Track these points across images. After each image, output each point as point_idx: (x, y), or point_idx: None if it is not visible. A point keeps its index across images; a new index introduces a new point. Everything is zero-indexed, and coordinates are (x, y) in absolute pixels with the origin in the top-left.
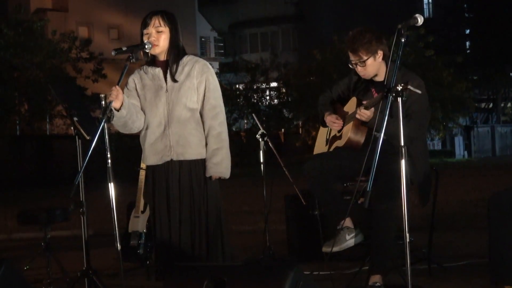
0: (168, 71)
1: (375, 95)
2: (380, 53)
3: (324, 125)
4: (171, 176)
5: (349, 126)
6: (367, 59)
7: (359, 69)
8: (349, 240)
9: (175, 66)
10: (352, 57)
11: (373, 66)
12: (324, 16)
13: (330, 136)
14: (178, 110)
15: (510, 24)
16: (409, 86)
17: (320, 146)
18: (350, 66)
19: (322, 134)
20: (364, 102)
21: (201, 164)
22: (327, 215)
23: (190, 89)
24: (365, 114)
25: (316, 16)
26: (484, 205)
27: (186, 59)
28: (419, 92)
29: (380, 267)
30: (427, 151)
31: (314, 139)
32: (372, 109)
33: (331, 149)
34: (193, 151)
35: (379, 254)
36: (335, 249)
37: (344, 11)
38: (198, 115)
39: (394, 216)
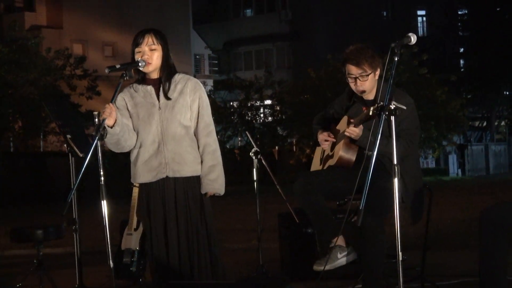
0: (161, 88)
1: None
2: (378, 71)
3: (318, 144)
4: (167, 193)
5: (340, 144)
6: (370, 73)
7: (358, 83)
8: (341, 258)
9: (168, 83)
10: (354, 71)
11: (371, 82)
12: (319, 34)
13: (324, 155)
14: (173, 127)
15: (504, 43)
16: (393, 102)
17: (315, 166)
18: (348, 81)
19: (317, 154)
20: (352, 120)
21: (196, 180)
22: (316, 233)
23: (183, 107)
24: (353, 131)
25: (310, 34)
26: (477, 224)
27: (178, 77)
28: (404, 107)
29: (373, 285)
30: (419, 169)
31: (308, 156)
32: (361, 126)
33: (324, 168)
34: (188, 168)
35: (371, 272)
36: (327, 267)
37: (338, 29)
38: (192, 132)
39: (383, 233)
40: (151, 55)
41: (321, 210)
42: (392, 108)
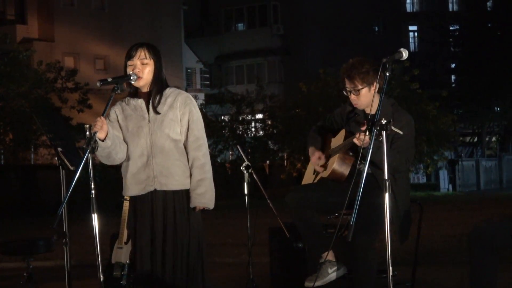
0: (151, 102)
1: (360, 131)
2: (375, 85)
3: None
4: (155, 206)
5: (335, 157)
6: (362, 88)
7: (352, 97)
8: (331, 273)
9: (158, 97)
10: (347, 84)
11: (367, 97)
12: (311, 49)
13: None
14: (161, 140)
15: (495, 59)
16: (392, 127)
17: (308, 177)
18: (344, 93)
19: (311, 165)
20: (333, 147)
21: (185, 194)
22: (307, 248)
23: (173, 121)
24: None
25: (302, 49)
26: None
27: (168, 91)
28: (401, 133)
29: None
30: (409, 188)
31: (299, 171)
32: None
33: (316, 180)
34: (176, 182)
35: (361, 287)
36: (318, 283)
37: (330, 44)
38: (182, 146)
39: (374, 249)
40: (142, 69)
41: (313, 225)
42: (383, 123)
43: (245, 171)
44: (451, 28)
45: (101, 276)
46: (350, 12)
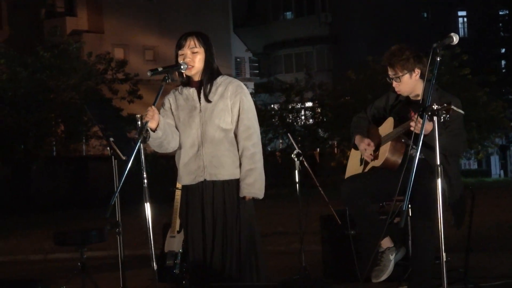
0: (202, 91)
1: (412, 114)
2: (417, 72)
3: (357, 148)
4: (205, 196)
5: (387, 146)
6: (403, 75)
7: (394, 84)
8: (393, 260)
9: (209, 86)
10: (389, 71)
11: (408, 84)
12: (358, 36)
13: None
14: (211, 130)
15: None
16: (452, 106)
17: (354, 167)
18: (388, 80)
19: (355, 155)
20: (382, 136)
21: (234, 184)
22: (363, 237)
23: (223, 110)
24: (427, 126)
25: (350, 36)
26: None
27: (220, 79)
28: (462, 112)
29: (420, 286)
30: (460, 172)
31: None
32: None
33: (367, 170)
34: (226, 172)
35: (419, 273)
36: (385, 276)
37: (378, 31)
38: (232, 135)
39: (433, 234)
40: (192, 58)
41: (368, 214)
42: (435, 109)
43: (296, 159)
44: (500, 13)
45: (154, 265)
46: None
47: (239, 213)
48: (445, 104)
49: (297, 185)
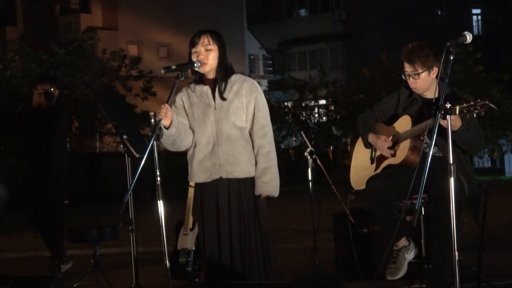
0: (217, 88)
1: (426, 112)
2: (435, 70)
3: (367, 146)
4: (221, 194)
5: (406, 144)
6: (422, 72)
7: (411, 81)
8: (408, 259)
9: (223, 84)
10: (407, 68)
11: (426, 81)
12: (373, 34)
13: (376, 155)
14: (227, 128)
15: None
16: (487, 102)
17: (362, 166)
18: (403, 77)
19: (361, 154)
20: (401, 133)
21: (250, 182)
22: (385, 236)
23: (239, 108)
24: (454, 122)
25: (364, 34)
26: None
27: (234, 77)
28: (495, 108)
29: (440, 284)
30: (473, 169)
31: None
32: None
33: (382, 167)
34: (242, 170)
35: (440, 272)
36: (401, 274)
37: (392, 29)
38: (247, 133)
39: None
40: (206, 55)
41: (393, 213)
42: (448, 107)
43: (309, 157)
44: None
45: (167, 262)
46: None
47: (257, 210)
48: (478, 100)
49: (310, 182)
